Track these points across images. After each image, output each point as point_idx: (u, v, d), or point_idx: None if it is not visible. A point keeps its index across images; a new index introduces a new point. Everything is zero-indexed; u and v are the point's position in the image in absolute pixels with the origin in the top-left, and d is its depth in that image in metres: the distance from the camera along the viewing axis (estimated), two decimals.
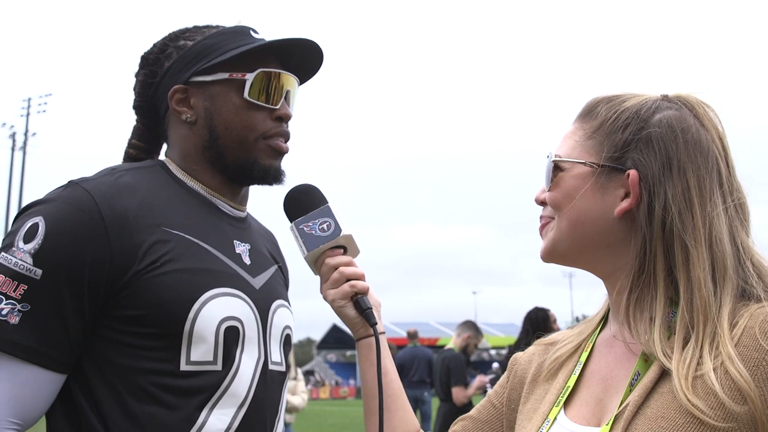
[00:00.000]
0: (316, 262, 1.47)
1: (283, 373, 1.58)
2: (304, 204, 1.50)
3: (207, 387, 1.38)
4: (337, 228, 1.46)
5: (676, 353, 1.06)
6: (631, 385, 1.10)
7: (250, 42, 1.54)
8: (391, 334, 43.45)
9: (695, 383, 1.02)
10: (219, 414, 1.38)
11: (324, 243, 1.45)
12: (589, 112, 1.25)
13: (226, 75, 1.53)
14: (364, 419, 1.44)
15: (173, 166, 1.57)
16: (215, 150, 1.54)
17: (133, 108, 1.64)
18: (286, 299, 1.66)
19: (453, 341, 8.15)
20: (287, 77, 1.58)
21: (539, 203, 1.28)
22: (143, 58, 1.62)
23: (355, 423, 18.43)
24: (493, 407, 1.39)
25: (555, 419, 1.18)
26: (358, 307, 1.44)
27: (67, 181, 1.43)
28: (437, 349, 8.65)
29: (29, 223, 1.35)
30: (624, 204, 1.15)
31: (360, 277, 1.46)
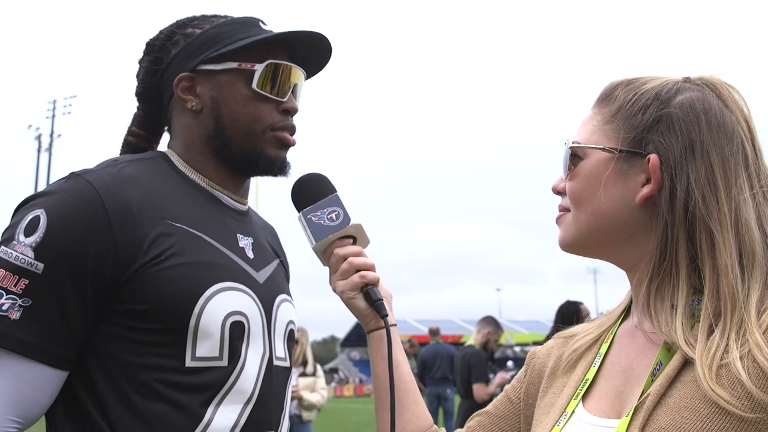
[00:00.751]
0: (324, 252, 1.43)
1: (287, 369, 1.55)
2: (312, 193, 1.46)
3: (213, 383, 1.35)
4: (347, 217, 1.42)
5: (700, 342, 1.01)
6: (653, 376, 1.05)
7: (259, 33, 1.52)
8: (415, 331, 43.53)
9: (720, 372, 0.97)
10: (225, 411, 1.35)
11: (333, 233, 1.41)
12: (608, 96, 1.20)
13: (234, 65, 1.49)
14: (375, 414, 1.39)
15: (175, 157, 1.54)
16: (220, 140, 1.50)
17: (136, 95, 1.61)
18: (288, 293, 1.62)
19: (473, 337, 8.08)
20: (295, 70, 1.55)
21: (556, 192, 1.23)
22: (149, 44, 1.58)
23: None
24: (510, 402, 1.34)
25: (573, 412, 1.13)
26: (368, 299, 1.40)
27: (69, 173, 1.39)
28: (461, 346, 8.58)
29: (30, 216, 1.31)
30: (645, 190, 1.10)
31: (370, 268, 1.42)
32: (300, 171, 1.53)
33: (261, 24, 1.56)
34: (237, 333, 1.38)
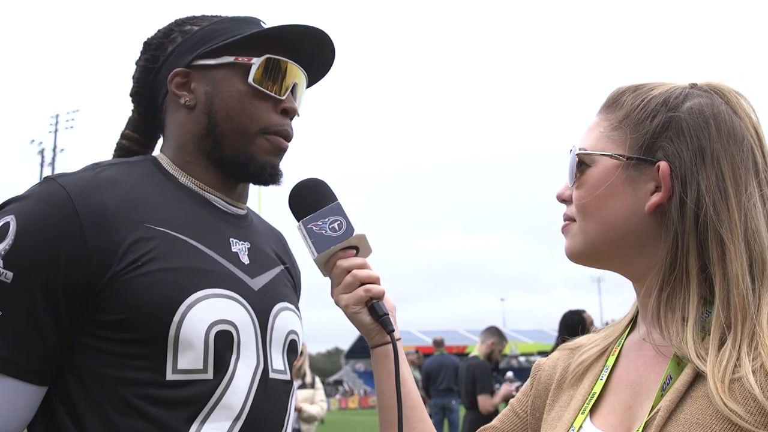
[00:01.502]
0: (326, 264, 1.37)
1: (288, 382, 1.45)
2: (311, 201, 1.39)
3: (196, 398, 1.25)
4: (350, 227, 1.36)
5: (711, 355, 0.98)
6: (663, 390, 1.02)
7: (259, 29, 1.46)
8: (419, 342, 43.40)
9: (732, 386, 0.94)
10: (211, 428, 1.26)
11: (336, 244, 1.35)
12: (614, 102, 1.17)
13: (231, 59, 1.42)
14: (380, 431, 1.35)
15: (165, 160, 1.47)
16: (212, 138, 1.43)
17: (130, 95, 1.54)
18: (292, 302, 1.52)
19: (477, 348, 8.01)
20: (296, 69, 1.48)
21: (561, 201, 1.20)
22: (146, 43, 1.52)
23: None
24: (517, 416, 1.31)
25: (580, 427, 1.10)
26: (373, 313, 1.34)
27: (44, 177, 1.33)
28: (465, 357, 8.52)
29: (0, 223, 1.24)
30: (655, 198, 1.07)
31: (375, 281, 1.35)
32: (298, 178, 1.46)
33: (262, 23, 1.50)
34: (224, 343, 1.29)
